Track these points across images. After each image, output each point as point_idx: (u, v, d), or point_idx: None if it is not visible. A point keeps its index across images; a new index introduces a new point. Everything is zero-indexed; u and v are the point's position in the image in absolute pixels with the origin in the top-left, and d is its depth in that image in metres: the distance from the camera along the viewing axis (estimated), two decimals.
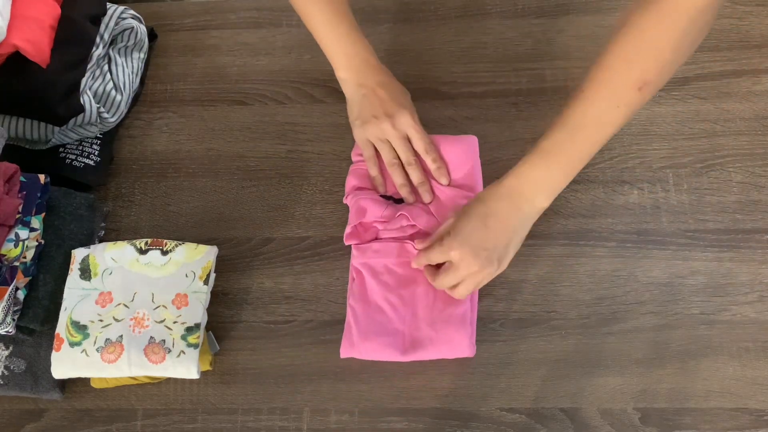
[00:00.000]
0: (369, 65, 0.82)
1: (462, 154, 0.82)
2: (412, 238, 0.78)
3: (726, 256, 0.78)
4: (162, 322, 0.74)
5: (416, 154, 0.81)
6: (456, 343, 0.74)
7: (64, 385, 0.78)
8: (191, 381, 0.78)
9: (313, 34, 0.82)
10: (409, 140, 0.82)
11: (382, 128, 0.80)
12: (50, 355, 0.75)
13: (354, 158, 0.84)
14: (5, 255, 0.75)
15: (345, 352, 0.75)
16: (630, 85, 0.65)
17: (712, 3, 0.60)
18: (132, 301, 0.75)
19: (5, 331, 0.75)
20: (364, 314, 0.76)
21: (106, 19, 0.87)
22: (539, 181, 0.71)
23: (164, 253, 0.78)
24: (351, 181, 0.82)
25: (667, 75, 0.66)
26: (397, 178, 0.81)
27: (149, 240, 0.79)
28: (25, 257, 0.76)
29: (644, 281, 0.78)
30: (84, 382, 0.78)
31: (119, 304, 0.75)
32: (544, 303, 0.78)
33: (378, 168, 0.82)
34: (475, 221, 0.72)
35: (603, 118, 0.68)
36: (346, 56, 0.81)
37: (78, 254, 0.78)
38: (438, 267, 0.75)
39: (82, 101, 0.82)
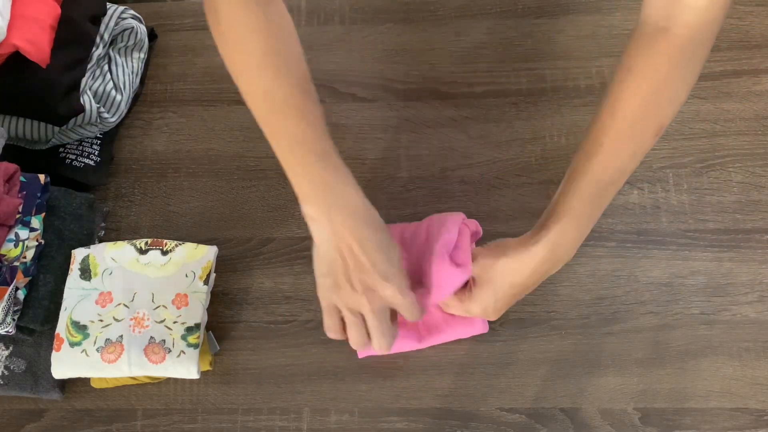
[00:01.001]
0: (346, 210, 0.62)
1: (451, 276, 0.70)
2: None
3: (726, 256, 0.78)
4: (162, 322, 0.74)
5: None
6: (469, 321, 0.74)
7: (64, 385, 0.78)
8: (191, 381, 0.78)
9: (275, 152, 0.65)
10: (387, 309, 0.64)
11: (358, 301, 0.62)
12: (50, 355, 0.75)
13: None
14: (5, 255, 0.75)
15: (363, 353, 0.75)
16: (650, 134, 0.64)
17: (715, 31, 0.58)
18: (132, 301, 0.75)
19: (5, 331, 0.75)
20: None
21: (106, 19, 0.87)
22: (573, 242, 0.67)
23: (164, 253, 0.78)
24: None
25: (677, 110, 0.65)
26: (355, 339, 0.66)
27: (149, 240, 0.79)
28: (25, 257, 0.76)
29: (644, 281, 0.78)
30: (84, 382, 0.78)
31: (119, 304, 0.75)
32: (544, 303, 0.78)
33: (339, 327, 0.66)
34: (503, 284, 0.67)
35: (625, 169, 0.66)
36: (314, 190, 0.63)
37: (78, 254, 0.78)
38: None
39: (82, 101, 0.82)
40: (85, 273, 0.77)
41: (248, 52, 0.64)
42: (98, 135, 0.87)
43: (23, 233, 0.76)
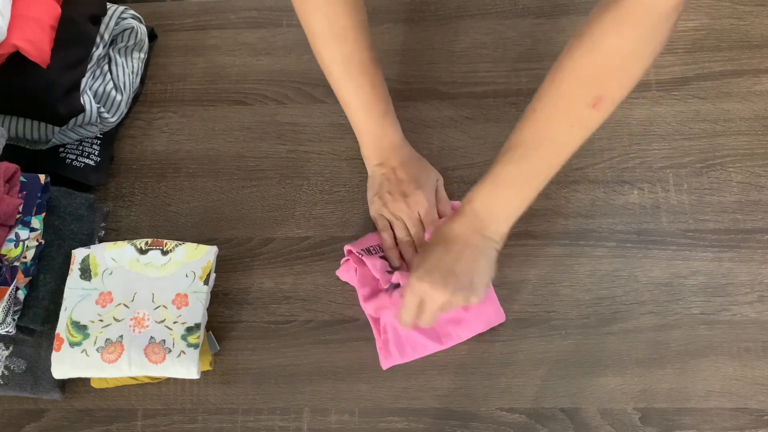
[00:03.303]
0: (393, 147, 0.80)
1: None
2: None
3: (726, 256, 0.78)
4: (162, 322, 0.74)
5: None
6: (486, 314, 0.75)
7: (64, 385, 0.78)
8: (191, 381, 0.78)
9: (344, 109, 0.80)
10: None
11: (398, 206, 0.79)
12: (50, 355, 0.74)
13: (346, 252, 0.80)
14: (5, 255, 0.75)
15: (387, 364, 0.75)
16: (583, 103, 0.61)
17: (676, 5, 0.55)
18: (132, 301, 0.75)
19: (5, 331, 0.75)
20: (395, 327, 0.75)
21: (106, 19, 0.87)
22: (496, 208, 0.69)
23: (164, 253, 0.78)
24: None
25: (626, 88, 0.62)
26: (406, 252, 0.79)
27: (149, 240, 0.79)
28: (25, 257, 0.76)
29: (644, 281, 0.78)
30: (84, 382, 0.78)
31: (119, 304, 0.75)
32: (544, 303, 0.78)
33: (392, 239, 0.79)
34: (438, 250, 0.70)
35: (558, 139, 0.65)
36: (373, 139, 0.80)
37: (78, 254, 0.78)
38: None
39: (82, 101, 0.82)
40: (85, 273, 0.77)
41: (331, 20, 0.73)
42: (98, 135, 0.87)
43: (23, 233, 0.76)
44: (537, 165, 0.67)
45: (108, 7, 0.87)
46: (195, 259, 0.77)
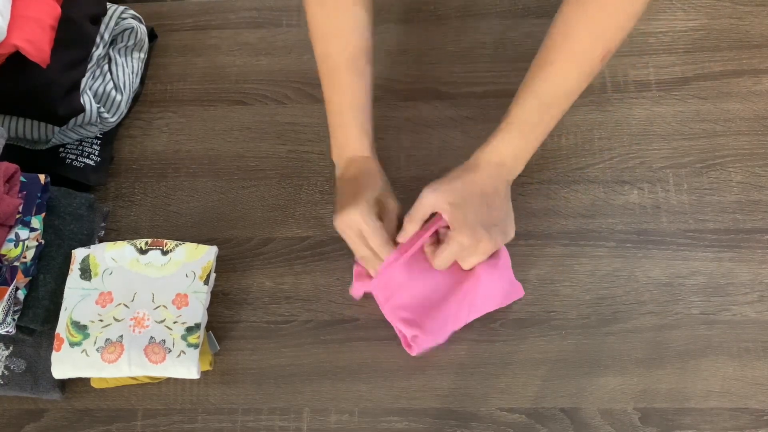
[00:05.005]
0: (354, 159, 0.78)
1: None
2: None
3: (726, 256, 0.78)
4: (162, 322, 0.74)
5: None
6: (506, 291, 0.76)
7: (64, 385, 0.78)
8: (191, 381, 0.78)
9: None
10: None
11: (336, 222, 0.75)
12: (50, 355, 0.74)
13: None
14: (5, 255, 0.75)
15: (415, 351, 0.75)
16: (597, 57, 0.69)
17: None
18: (132, 301, 0.75)
19: (5, 331, 0.75)
20: (425, 318, 0.75)
21: (106, 19, 0.87)
22: (517, 151, 0.74)
23: (164, 253, 0.78)
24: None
25: (623, 42, 0.70)
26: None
27: (149, 240, 0.79)
28: (25, 257, 0.76)
29: (644, 281, 0.78)
30: (84, 382, 0.78)
31: (119, 304, 0.75)
32: (544, 303, 0.78)
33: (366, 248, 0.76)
34: (473, 202, 0.72)
35: (572, 89, 0.72)
36: (338, 147, 0.79)
37: (78, 254, 0.78)
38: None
39: (82, 101, 0.82)
40: (85, 273, 0.77)
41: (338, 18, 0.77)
42: (98, 135, 0.88)
43: (23, 233, 0.76)
44: (555, 112, 0.73)
45: (108, 7, 0.87)
46: (195, 259, 0.77)
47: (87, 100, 0.83)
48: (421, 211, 0.72)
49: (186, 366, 0.73)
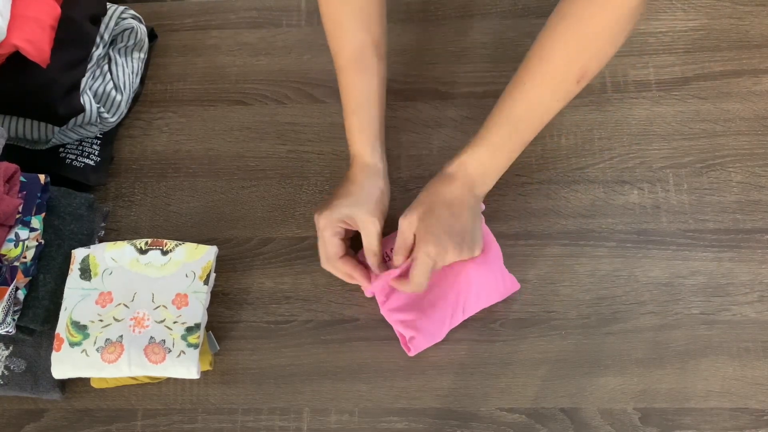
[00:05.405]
0: (356, 161, 0.78)
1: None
2: None
3: (726, 256, 0.78)
4: (162, 322, 0.74)
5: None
6: (499, 284, 0.76)
7: (64, 385, 0.78)
8: (191, 381, 0.78)
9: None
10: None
11: (314, 217, 0.77)
12: (50, 355, 0.74)
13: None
14: (5, 255, 0.75)
15: (413, 352, 0.75)
16: (571, 79, 0.68)
17: None
18: (132, 301, 0.75)
19: (5, 331, 0.75)
20: (422, 319, 0.75)
21: (106, 19, 0.87)
22: (486, 169, 0.74)
23: (164, 253, 0.78)
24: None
25: (602, 66, 0.69)
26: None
27: (149, 240, 0.79)
28: (25, 257, 0.76)
29: (644, 281, 0.78)
30: (84, 382, 0.78)
31: (119, 304, 0.75)
32: (544, 303, 0.78)
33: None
34: (441, 214, 0.72)
35: (544, 110, 0.71)
36: (348, 143, 0.80)
37: (78, 254, 0.78)
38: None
39: (82, 101, 0.82)
40: (85, 273, 0.77)
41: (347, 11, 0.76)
42: (98, 135, 0.88)
43: (23, 233, 0.76)
44: (524, 133, 0.73)
45: (108, 7, 0.87)
46: (195, 259, 0.77)
47: (87, 100, 0.83)
48: (402, 240, 0.73)
49: (186, 366, 0.73)
